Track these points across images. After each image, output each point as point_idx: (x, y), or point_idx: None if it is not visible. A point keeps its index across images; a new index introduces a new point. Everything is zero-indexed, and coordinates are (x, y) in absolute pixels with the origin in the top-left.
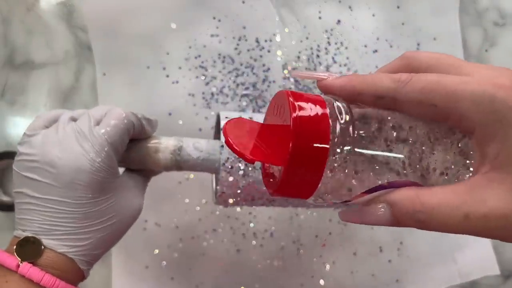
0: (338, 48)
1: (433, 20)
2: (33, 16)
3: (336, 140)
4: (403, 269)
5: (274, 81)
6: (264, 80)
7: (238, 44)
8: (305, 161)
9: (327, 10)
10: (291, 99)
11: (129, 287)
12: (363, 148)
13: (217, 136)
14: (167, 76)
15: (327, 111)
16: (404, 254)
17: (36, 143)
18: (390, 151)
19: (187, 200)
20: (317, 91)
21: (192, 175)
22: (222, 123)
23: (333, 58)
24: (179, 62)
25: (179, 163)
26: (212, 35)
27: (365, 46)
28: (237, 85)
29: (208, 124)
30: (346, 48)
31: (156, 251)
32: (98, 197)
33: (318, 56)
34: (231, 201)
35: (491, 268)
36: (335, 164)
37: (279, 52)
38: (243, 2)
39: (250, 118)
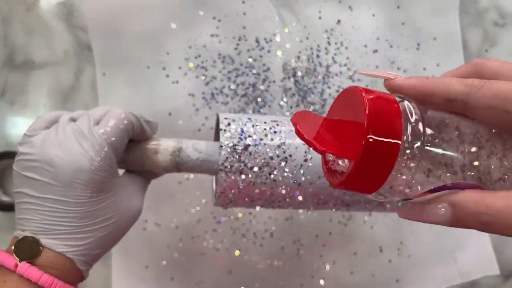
0: (338, 48)
1: (433, 20)
2: (33, 16)
3: (407, 136)
4: (403, 269)
5: (274, 81)
6: (264, 80)
7: (238, 44)
8: (376, 155)
9: (327, 10)
10: (364, 94)
11: (129, 287)
12: (430, 147)
13: (216, 137)
14: (167, 76)
15: (400, 108)
16: (404, 254)
17: (36, 143)
18: (454, 153)
19: (187, 200)
20: (316, 90)
21: (192, 175)
22: (221, 124)
23: (333, 58)
24: (179, 62)
25: (179, 165)
26: (212, 35)
27: (365, 46)
28: (237, 85)
29: (208, 124)
30: (346, 48)
31: (156, 251)
32: (97, 196)
33: (318, 56)
34: (230, 202)
35: (491, 268)
36: (404, 161)
37: (279, 52)
38: (243, 2)
39: (249, 118)
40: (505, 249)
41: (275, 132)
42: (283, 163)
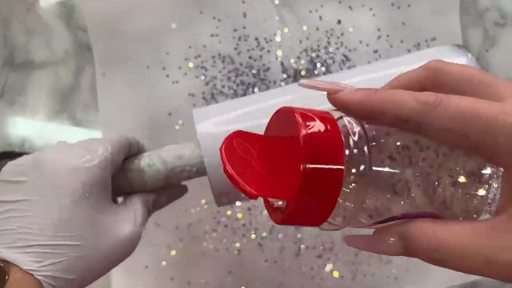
0: (338, 48)
1: (433, 20)
2: (33, 16)
3: (350, 161)
4: (403, 268)
5: (274, 81)
6: (263, 80)
7: (238, 44)
8: (317, 187)
9: (328, 10)
10: (298, 117)
11: (129, 287)
12: (377, 168)
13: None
14: (167, 76)
15: (339, 129)
16: None
17: (29, 156)
18: (406, 174)
19: (187, 201)
20: None
21: None
22: (196, 124)
23: (333, 58)
24: (179, 62)
25: (168, 177)
26: (212, 35)
27: (366, 45)
28: (237, 85)
29: None
30: (346, 48)
31: (156, 251)
32: (81, 205)
33: (318, 56)
34: (226, 199)
35: None
36: (350, 187)
37: (279, 52)
38: (243, 2)
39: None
40: None
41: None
42: None
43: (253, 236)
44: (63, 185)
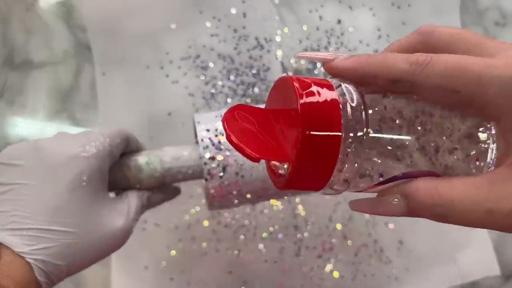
0: (338, 48)
1: (433, 19)
2: (32, 15)
3: (348, 127)
4: (403, 269)
5: (274, 81)
6: (263, 80)
7: (237, 44)
8: (316, 153)
9: (328, 10)
10: (296, 85)
11: (129, 287)
12: (374, 134)
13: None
14: (167, 76)
15: (337, 96)
16: (404, 254)
17: (29, 142)
18: (404, 138)
19: (186, 201)
20: None
21: None
22: (197, 127)
23: None
24: (179, 62)
25: (164, 176)
26: (211, 35)
27: (366, 45)
28: (237, 84)
29: None
30: (346, 47)
31: (156, 251)
32: (77, 193)
33: None
34: (223, 200)
35: (491, 269)
36: (348, 152)
37: (279, 52)
38: (243, 1)
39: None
40: (506, 250)
41: None
42: None
43: (253, 236)
44: (61, 172)
